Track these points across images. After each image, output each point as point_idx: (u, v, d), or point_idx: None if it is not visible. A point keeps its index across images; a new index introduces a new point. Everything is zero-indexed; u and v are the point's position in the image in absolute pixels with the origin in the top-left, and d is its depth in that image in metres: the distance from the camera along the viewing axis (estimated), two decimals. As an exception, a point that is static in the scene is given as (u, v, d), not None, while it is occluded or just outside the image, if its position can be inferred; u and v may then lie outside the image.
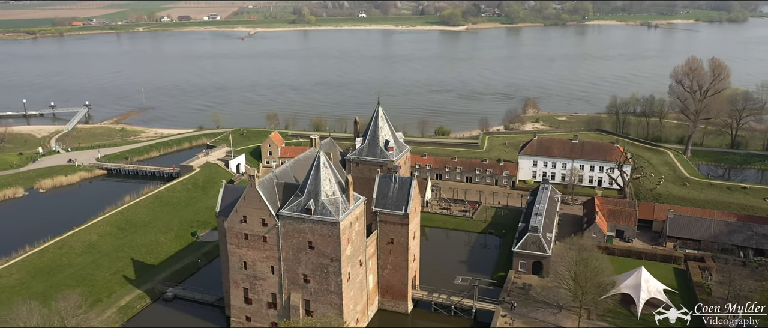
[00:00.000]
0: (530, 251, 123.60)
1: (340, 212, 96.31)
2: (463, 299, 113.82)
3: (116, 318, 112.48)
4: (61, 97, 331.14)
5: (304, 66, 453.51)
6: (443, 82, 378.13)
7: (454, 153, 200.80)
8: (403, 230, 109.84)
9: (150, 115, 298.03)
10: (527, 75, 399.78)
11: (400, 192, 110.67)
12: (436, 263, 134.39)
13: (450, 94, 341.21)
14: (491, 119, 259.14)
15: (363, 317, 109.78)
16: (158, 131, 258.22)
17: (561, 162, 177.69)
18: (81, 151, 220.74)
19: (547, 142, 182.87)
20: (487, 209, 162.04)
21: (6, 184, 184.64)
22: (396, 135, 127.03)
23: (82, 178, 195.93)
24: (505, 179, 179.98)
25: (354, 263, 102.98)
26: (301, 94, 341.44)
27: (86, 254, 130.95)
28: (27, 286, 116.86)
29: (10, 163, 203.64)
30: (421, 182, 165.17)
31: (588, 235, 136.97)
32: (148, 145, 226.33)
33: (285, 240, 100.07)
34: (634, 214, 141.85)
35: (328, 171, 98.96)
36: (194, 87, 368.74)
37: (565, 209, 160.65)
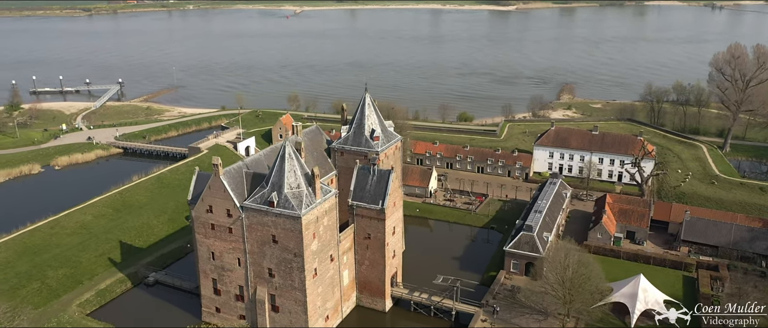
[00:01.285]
0: (523, 251, 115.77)
1: (304, 205, 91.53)
2: (444, 299, 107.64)
3: (93, 301, 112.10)
4: (102, 74, 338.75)
5: (339, 46, 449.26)
6: (479, 64, 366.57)
7: (469, 141, 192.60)
8: (380, 225, 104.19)
9: (179, 94, 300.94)
10: (569, 59, 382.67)
11: (378, 185, 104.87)
12: (428, 257, 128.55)
13: (484, 77, 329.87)
14: (520, 105, 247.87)
15: (335, 314, 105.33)
16: (182, 110, 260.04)
17: (579, 154, 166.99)
18: (103, 129, 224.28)
19: (564, 132, 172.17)
20: (493, 202, 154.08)
21: (25, 160, 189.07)
22: (385, 124, 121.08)
23: (98, 156, 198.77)
24: (518, 171, 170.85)
25: (322, 259, 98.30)
26: (330, 75, 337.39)
27: (76, 234, 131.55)
28: (11, 265, 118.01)
29: (32, 139, 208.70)
30: (425, 172, 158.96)
31: (593, 235, 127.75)
32: (167, 125, 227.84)
33: (249, 233, 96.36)
34: (647, 214, 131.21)
35: (294, 162, 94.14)
36: (227, 66, 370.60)
37: (578, 206, 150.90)
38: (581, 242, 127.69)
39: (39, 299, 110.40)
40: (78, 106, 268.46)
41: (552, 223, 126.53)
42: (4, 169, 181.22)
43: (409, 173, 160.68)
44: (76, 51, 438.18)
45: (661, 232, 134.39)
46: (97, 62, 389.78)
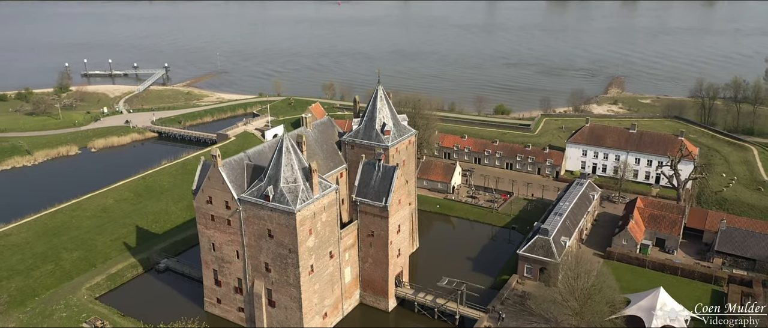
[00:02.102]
0: (537, 255, 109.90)
1: (299, 201, 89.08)
2: (448, 302, 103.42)
3: (103, 285, 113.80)
4: (150, 58, 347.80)
5: (385, 33, 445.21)
6: (527, 55, 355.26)
7: (500, 135, 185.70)
8: (384, 222, 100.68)
9: (220, 80, 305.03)
10: (623, 50, 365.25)
11: (382, 182, 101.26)
12: (441, 256, 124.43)
13: (530, 68, 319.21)
14: (561, 99, 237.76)
15: (335, 312, 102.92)
16: (220, 96, 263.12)
17: (614, 153, 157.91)
18: (142, 113, 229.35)
19: (599, 130, 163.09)
20: (517, 201, 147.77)
21: (64, 141, 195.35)
22: (398, 118, 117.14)
23: (133, 139, 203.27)
24: (549, 169, 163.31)
25: (320, 256, 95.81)
26: (371, 64, 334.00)
27: (96, 217, 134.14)
28: (30, 245, 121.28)
29: (73, 121, 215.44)
30: (448, 167, 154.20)
31: (618, 241, 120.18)
32: (203, 111, 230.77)
33: (247, 226, 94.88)
34: (680, 221, 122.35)
35: (291, 156, 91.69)
36: (272, 52, 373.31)
37: (609, 209, 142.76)
38: (605, 248, 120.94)
39: (51, 280, 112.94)
40: (123, 89, 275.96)
41: (573, 227, 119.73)
42: (43, 149, 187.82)
43: (431, 167, 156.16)
44: (130, 35, 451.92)
45: (695, 241, 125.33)
46: (149, 46, 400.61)
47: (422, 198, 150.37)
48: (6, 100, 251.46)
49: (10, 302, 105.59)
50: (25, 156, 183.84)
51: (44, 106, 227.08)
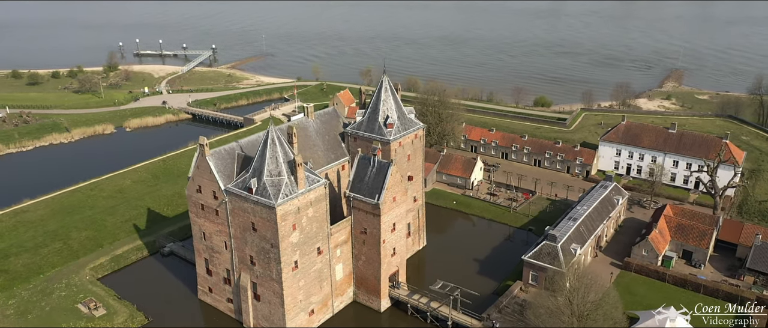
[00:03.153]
0: (543, 262, 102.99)
1: (281, 195, 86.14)
2: (441, 306, 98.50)
3: (107, 266, 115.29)
4: (200, 39, 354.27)
5: (436, 17, 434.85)
6: (581, 43, 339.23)
7: (533, 129, 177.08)
8: (376, 220, 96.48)
9: (264, 62, 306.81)
10: (688, 40, 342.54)
11: (376, 178, 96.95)
12: (448, 256, 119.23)
13: (582, 57, 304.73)
14: (608, 92, 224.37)
15: (323, 309, 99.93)
16: (260, 79, 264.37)
17: (650, 154, 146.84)
18: (180, 94, 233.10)
19: (636, 128, 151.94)
20: (539, 201, 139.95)
21: (102, 120, 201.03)
22: (404, 110, 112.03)
23: (167, 120, 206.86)
24: (579, 168, 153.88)
25: (306, 252, 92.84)
26: (414, 49, 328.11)
27: (112, 198, 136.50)
28: (43, 223, 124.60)
29: (114, 100, 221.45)
30: (468, 161, 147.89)
31: (637, 252, 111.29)
32: (238, 94, 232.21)
33: (233, 217, 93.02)
34: (710, 233, 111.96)
35: (277, 148, 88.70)
36: (319, 36, 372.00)
37: (638, 214, 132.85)
38: (624, 257, 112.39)
39: (58, 258, 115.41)
40: (168, 69, 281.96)
41: (588, 233, 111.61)
42: (81, 127, 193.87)
43: (451, 161, 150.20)
44: (184, 15, 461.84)
45: (728, 255, 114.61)
46: (199, 27, 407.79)
47: (439, 193, 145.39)
48: (58, 78, 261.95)
49: (15, 278, 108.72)
50: (64, 133, 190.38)
51: (90, 84, 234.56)
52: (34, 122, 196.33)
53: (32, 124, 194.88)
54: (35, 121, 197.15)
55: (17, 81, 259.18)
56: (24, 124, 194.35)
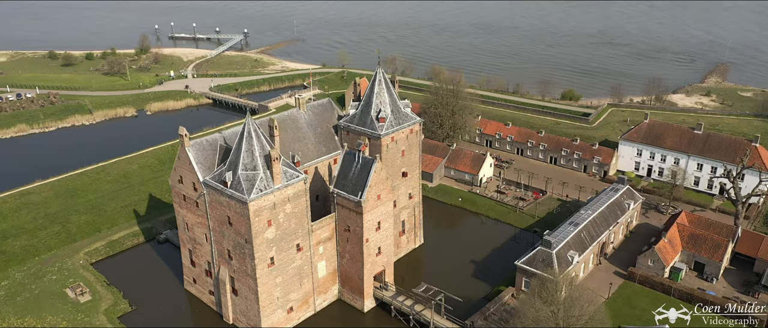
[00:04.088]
0: (536, 269, 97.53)
1: (255, 190, 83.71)
2: (425, 309, 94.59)
3: (102, 251, 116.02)
4: (234, 23, 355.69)
5: (471, 4, 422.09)
6: (624, 32, 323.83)
7: (553, 125, 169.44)
8: (359, 218, 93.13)
9: (294, 48, 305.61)
10: (740, 31, 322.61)
11: (360, 174, 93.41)
12: (443, 256, 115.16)
13: (620, 49, 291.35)
14: (637, 87, 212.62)
15: (304, 307, 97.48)
16: (286, 65, 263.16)
17: (673, 156, 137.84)
18: (204, 78, 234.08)
19: (659, 127, 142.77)
20: (549, 202, 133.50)
21: (124, 103, 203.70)
22: (399, 104, 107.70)
23: (188, 105, 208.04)
24: (596, 167, 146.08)
25: (284, 248, 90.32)
26: (447, 37, 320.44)
27: (116, 182, 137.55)
28: (46, 205, 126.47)
29: (139, 83, 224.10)
30: (477, 157, 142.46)
31: (643, 261, 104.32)
32: (261, 79, 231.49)
33: (211, 210, 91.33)
34: (725, 244, 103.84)
35: (253, 142, 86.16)
36: (352, 21, 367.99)
37: (653, 220, 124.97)
38: (629, 266, 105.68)
39: (55, 241, 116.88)
40: (197, 53, 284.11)
41: (591, 239, 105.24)
42: (103, 109, 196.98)
43: (461, 156, 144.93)
44: None
45: (745, 270, 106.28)
46: (234, 11, 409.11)
47: (446, 189, 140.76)
48: (91, 59, 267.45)
49: (11, 260, 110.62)
50: (86, 115, 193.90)
51: (118, 66, 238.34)
52: (60, 103, 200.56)
53: (57, 105, 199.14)
54: (61, 102, 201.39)
55: (53, 62, 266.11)
56: (50, 105, 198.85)
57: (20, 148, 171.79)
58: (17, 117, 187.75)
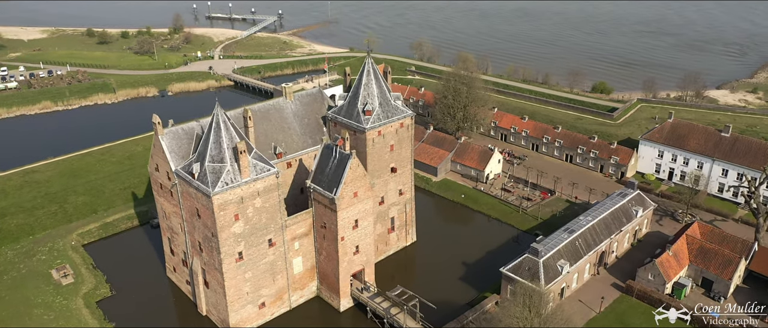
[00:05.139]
0: (521, 277, 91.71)
1: (220, 183, 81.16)
2: (399, 313, 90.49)
3: (95, 233, 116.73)
4: (269, 3, 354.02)
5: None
6: (672, 21, 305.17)
7: (574, 120, 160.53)
8: (334, 216, 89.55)
9: (325, 30, 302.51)
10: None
11: (336, 170, 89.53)
12: (435, 257, 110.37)
13: (666, 38, 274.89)
14: (675, 81, 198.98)
15: (277, 303, 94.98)
16: (314, 48, 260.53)
17: (696, 159, 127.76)
18: (230, 59, 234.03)
19: (683, 127, 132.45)
20: (557, 203, 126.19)
21: (148, 82, 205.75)
22: (389, 97, 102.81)
23: (209, 86, 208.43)
24: (613, 168, 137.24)
25: (253, 243, 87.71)
26: (487, 22, 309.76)
27: (119, 164, 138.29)
28: (48, 184, 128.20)
29: (165, 63, 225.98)
30: (484, 152, 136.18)
31: (643, 275, 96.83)
32: (284, 62, 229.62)
33: (183, 200, 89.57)
34: (736, 261, 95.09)
35: (221, 133, 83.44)
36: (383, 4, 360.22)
37: (668, 228, 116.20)
38: (626, 280, 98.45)
39: (51, 221, 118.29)
40: (228, 34, 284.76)
41: (588, 248, 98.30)
42: (126, 88, 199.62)
43: (467, 151, 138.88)
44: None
45: (761, 289, 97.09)
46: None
47: (450, 184, 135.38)
48: (126, 38, 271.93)
49: (6, 238, 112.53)
50: (109, 94, 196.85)
51: (147, 46, 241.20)
52: (87, 81, 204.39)
53: (84, 83, 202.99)
54: (88, 81, 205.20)
55: (90, 39, 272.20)
56: (77, 83, 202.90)
57: (41, 124, 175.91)
58: (44, 94, 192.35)
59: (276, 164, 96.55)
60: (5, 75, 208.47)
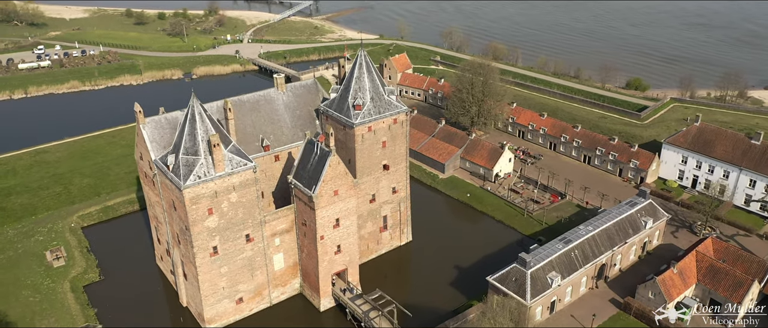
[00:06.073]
0: (507, 288, 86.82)
1: (193, 176, 79.43)
2: (378, 317, 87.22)
3: (95, 216, 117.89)
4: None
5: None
6: (722, 14, 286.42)
7: (598, 119, 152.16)
8: (313, 214, 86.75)
9: (359, 15, 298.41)
10: None
11: (316, 167, 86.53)
12: (427, 258, 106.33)
13: (715, 32, 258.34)
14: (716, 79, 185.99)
15: (256, 299, 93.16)
16: (344, 33, 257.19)
17: (722, 167, 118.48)
18: (258, 43, 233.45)
19: (710, 132, 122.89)
20: (567, 207, 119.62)
21: (174, 65, 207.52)
22: (382, 91, 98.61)
23: (233, 70, 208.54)
24: (632, 172, 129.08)
25: (229, 238, 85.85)
26: (518, 9, 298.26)
27: (127, 147, 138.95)
28: (56, 165, 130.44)
29: (193, 45, 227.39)
30: (494, 150, 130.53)
31: (643, 293, 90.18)
32: (310, 48, 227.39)
33: (162, 191, 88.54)
34: (748, 283, 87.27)
35: (196, 125, 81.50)
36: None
37: (683, 240, 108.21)
38: (626, 296, 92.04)
39: (55, 202, 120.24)
40: (261, 17, 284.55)
41: (585, 260, 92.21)
42: (152, 70, 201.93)
43: (477, 148, 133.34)
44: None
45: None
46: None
47: (457, 182, 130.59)
48: (163, 19, 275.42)
49: (9, 217, 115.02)
50: (136, 75, 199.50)
51: (179, 28, 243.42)
52: (115, 62, 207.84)
53: (113, 63, 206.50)
54: (117, 61, 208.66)
55: (128, 20, 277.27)
56: (107, 63, 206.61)
57: (65, 104, 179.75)
58: (73, 73, 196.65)
59: (263, 156, 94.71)
60: (41, 53, 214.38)
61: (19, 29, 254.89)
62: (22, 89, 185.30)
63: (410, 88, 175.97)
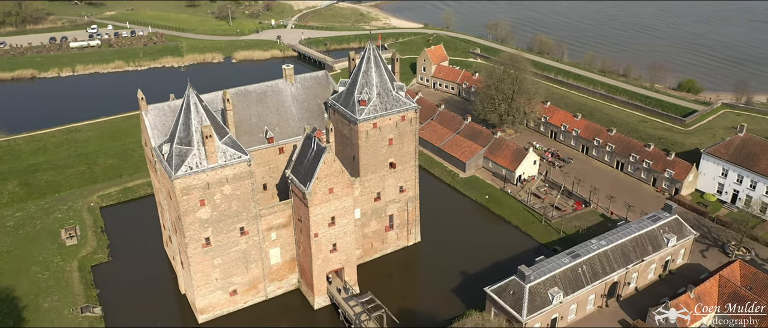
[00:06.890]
0: (504, 301, 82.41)
1: (185, 167, 78.94)
2: (368, 320, 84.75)
3: (114, 197, 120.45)
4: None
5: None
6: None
7: (638, 122, 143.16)
8: (307, 211, 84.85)
9: (406, 4, 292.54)
10: None
11: (312, 163, 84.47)
12: (434, 262, 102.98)
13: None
14: None
15: (251, 292, 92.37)
16: (390, 21, 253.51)
17: (766, 184, 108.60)
18: (300, 29, 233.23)
19: (756, 144, 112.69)
20: (590, 216, 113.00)
21: (216, 48, 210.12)
22: (390, 86, 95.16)
23: (272, 56, 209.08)
24: (667, 183, 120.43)
25: (222, 230, 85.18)
26: (570, 4, 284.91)
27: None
28: (85, 144, 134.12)
29: (237, 29, 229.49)
30: (518, 152, 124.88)
31: (654, 315, 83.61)
32: (351, 35, 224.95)
33: (161, 178, 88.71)
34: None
35: (191, 115, 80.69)
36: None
37: (712, 261, 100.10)
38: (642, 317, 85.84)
39: (77, 181, 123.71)
40: (309, 3, 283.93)
41: (595, 276, 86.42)
42: (193, 53, 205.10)
43: (501, 148, 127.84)
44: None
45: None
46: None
47: (477, 182, 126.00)
48: (214, 1, 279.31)
49: (33, 193, 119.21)
50: (178, 57, 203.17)
51: (226, 11, 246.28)
52: (161, 44, 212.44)
53: (158, 45, 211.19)
54: (162, 43, 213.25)
55: (180, 2, 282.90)
56: (152, 45, 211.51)
57: (108, 83, 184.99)
58: (119, 53, 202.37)
59: (266, 148, 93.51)
60: (93, 33, 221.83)
61: (78, 8, 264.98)
62: (70, 67, 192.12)
63: (444, 81, 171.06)
